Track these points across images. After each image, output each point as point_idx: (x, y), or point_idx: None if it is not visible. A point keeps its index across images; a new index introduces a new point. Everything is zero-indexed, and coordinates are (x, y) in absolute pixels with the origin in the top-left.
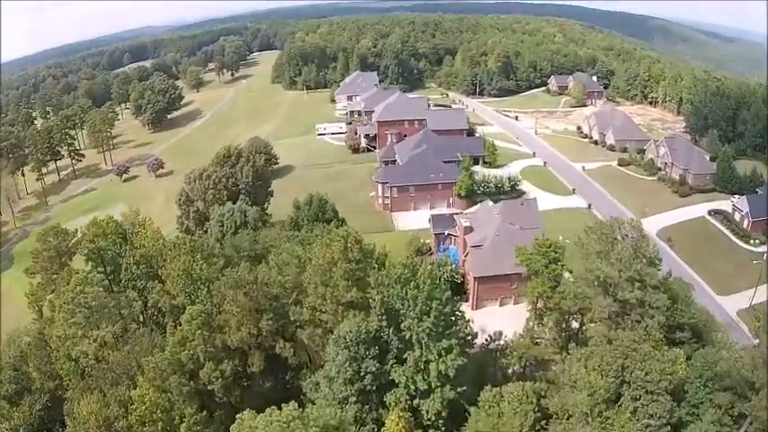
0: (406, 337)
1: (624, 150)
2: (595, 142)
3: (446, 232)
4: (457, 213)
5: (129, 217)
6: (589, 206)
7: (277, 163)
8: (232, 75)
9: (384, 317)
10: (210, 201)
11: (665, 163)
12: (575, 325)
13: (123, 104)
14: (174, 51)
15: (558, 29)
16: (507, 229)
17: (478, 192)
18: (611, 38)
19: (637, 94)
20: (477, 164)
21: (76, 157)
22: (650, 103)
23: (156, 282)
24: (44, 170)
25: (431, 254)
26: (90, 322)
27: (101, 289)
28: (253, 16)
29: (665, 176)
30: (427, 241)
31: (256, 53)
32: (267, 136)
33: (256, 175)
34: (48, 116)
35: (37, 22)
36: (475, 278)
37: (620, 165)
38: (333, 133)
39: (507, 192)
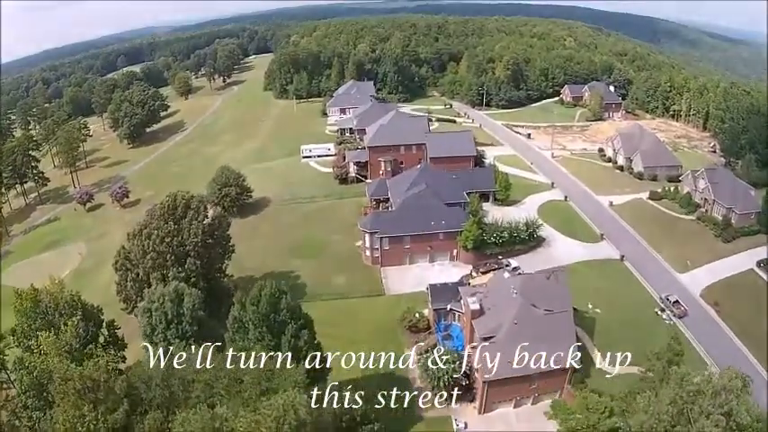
0: None
1: (654, 178)
2: (621, 168)
3: (448, 307)
4: (462, 284)
5: (52, 292)
6: (622, 258)
7: (250, 196)
8: (224, 80)
9: None
10: (150, 267)
11: (705, 199)
12: None
13: (105, 114)
14: (168, 55)
15: (568, 32)
16: (528, 314)
17: (489, 241)
18: (623, 42)
19: (658, 107)
20: (488, 200)
21: (41, 181)
22: (672, 116)
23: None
24: (13, 192)
25: (429, 332)
26: None
27: None
28: (256, 17)
29: (704, 215)
30: (425, 312)
31: (253, 56)
32: (248, 157)
33: (212, 228)
34: (28, 128)
35: (40, 22)
36: (484, 382)
37: (651, 199)
38: (320, 156)
39: (524, 240)
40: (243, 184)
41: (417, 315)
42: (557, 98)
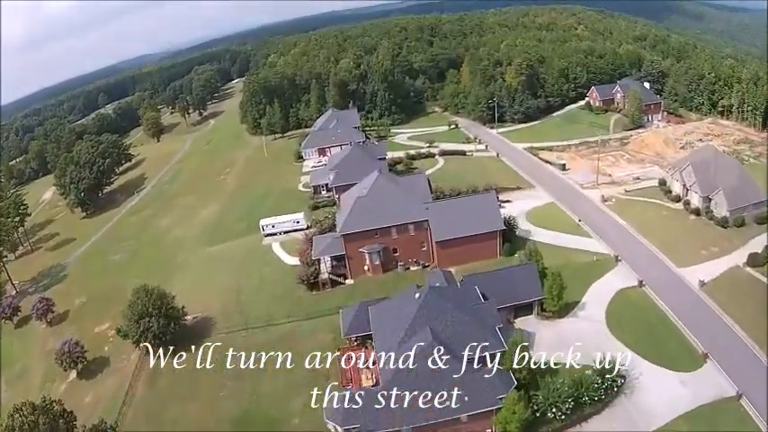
0: None
1: (741, 224)
2: (696, 212)
3: None
4: None
5: None
6: (739, 396)
7: (183, 321)
8: (200, 114)
9: None
10: None
11: None
12: None
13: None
14: (148, 88)
15: (576, 19)
16: None
17: (549, 414)
18: (638, 24)
19: (703, 103)
20: (531, 311)
21: None
22: (721, 113)
23: None
24: None
25: None
26: None
27: None
28: (244, 36)
29: None
30: None
31: (236, 80)
32: (200, 234)
33: None
34: None
35: (37, 59)
36: None
37: (750, 266)
38: (286, 232)
39: (599, 399)
40: (170, 309)
41: None
42: (582, 102)
